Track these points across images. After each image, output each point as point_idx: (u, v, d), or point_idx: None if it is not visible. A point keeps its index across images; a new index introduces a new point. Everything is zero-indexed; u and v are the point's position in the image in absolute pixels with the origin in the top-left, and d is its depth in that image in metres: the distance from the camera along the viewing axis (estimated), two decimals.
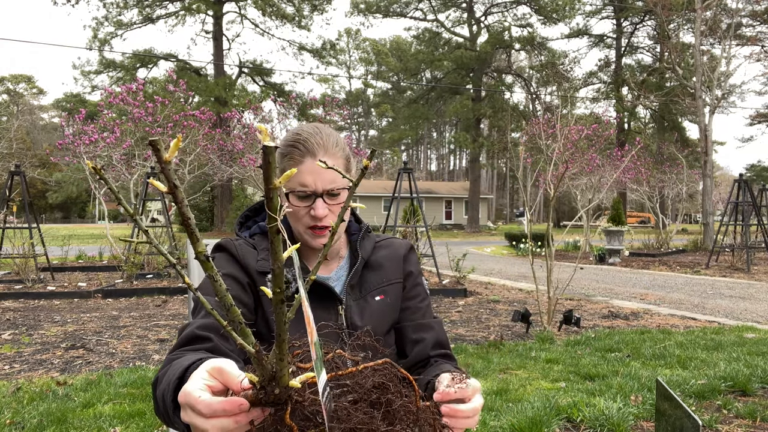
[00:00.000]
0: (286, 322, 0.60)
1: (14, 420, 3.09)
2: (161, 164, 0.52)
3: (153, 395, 0.92)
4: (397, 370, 0.74)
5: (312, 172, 1.18)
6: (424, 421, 0.75)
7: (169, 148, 0.52)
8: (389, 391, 0.72)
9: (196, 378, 0.69)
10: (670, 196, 21.74)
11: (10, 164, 15.22)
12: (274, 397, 0.63)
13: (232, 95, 28.77)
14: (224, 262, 1.22)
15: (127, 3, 28.87)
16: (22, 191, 9.51)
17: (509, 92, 41.75)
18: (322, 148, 1.20)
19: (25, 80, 55.91)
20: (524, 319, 5.41)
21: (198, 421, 0.66)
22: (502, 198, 68.14)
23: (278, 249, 0.56)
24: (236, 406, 0.63)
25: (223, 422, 0.64)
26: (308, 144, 1.20)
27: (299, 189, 1.19)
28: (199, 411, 0.65)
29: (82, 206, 57.31)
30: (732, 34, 20.22)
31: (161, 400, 0.85)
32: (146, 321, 6.23)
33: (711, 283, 10.13)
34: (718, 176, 33.42)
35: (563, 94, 21.49)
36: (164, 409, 0.84)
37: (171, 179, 0.53)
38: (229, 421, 0.64)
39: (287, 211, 1.25)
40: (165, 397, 0.83)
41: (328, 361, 0.72)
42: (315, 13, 32.25)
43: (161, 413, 0.88)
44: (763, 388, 3.57)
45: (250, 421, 0.65)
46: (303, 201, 1.20)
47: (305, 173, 1.18)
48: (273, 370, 0.61)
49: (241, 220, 1.39)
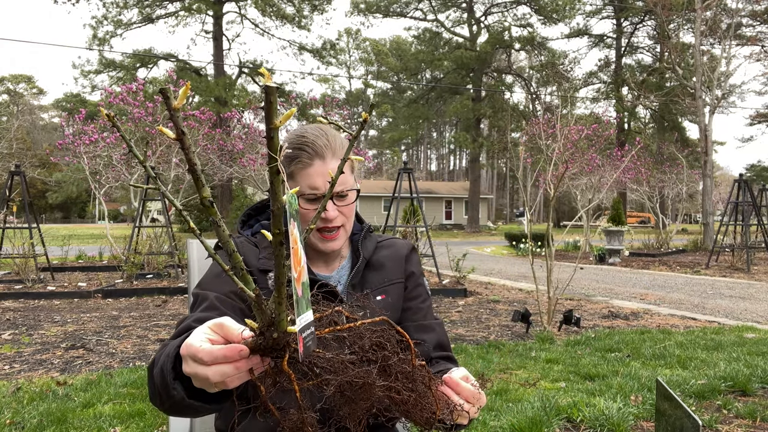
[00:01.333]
0: (285, 265, 0.61)
1: (14, 420, 3.09)
2: (170, 111, 0.55)
3: (149, 377, 0.91)
4: (394, 330, 0.75)
5: (322, 174, 1.18)
6: (419, 381, 0.76)
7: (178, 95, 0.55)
8: (386, 349, 0.73)
9: (197, 332, 0.72)
10: (670, 196, 21.74)
11: (10, 164, 15.23)
12: (272, 342, 0.65)
13: (232, 95, 28.75)
14: (226, 259, 1.21)
15: (126, 3, 28.84)
16: (22, 191, 9.51)
17: (509, 92, 41.77)
18: (330, 150, 1.20)
19: (25, 80, 55.90)
20: (524, 319, 5.41)
21: (199, 369, 0.68)
22: (502, 198, 68.13)
23: (278, 190, 0.58)
24: (236, 352, 0.65)
25: (224, 368, 0.66)
26: (316, 147, 1.19)
27: (309, 192, 1.19)
28: (201, 359, 0.67)
29: (82, 206, 57.30)
30: (732, 34, 20.22)
31: (159, 372, 0.84)
32: (146, 321, 6.23)
33: (711, 283, 10.13)
34: (718, 176, 33.42)
35: (563, 94, 21.48)
36: (162, 381, 0.83)
37: (179, 126, 0.56)
38: (229, 367, 0.66)
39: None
40: (165, 367, 0.83)
41: (327, 316, 0.73)
42: (315, 13, 32.21)
43: (158, 388, 0.86)
44: (763, 388, 3.57)
45: (249, 369, 0.67)
46: (312, 204, 1.20)
47: (315, 176, 1.18)
48: (272, 315, 0.64)
49: (243, 219, 1.39)
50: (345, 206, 1.23)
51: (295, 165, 1.21)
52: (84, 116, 12.13)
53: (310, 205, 1.20)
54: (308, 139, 1.20)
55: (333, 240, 1.23)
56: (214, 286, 1.16)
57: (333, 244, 1.24)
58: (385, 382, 0.71)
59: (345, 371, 0.69)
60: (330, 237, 1.23)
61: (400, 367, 0.74)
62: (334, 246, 1.24)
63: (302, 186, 1.20)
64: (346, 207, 1.23)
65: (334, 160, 1.19)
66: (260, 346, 0.66)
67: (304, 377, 0.68)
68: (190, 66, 31.24)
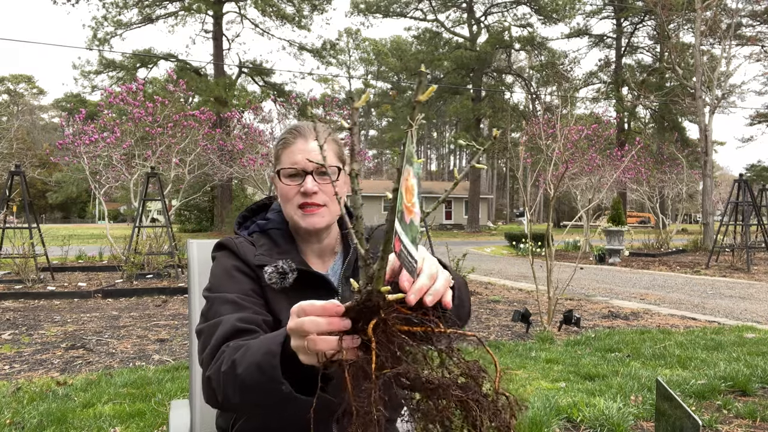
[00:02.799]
0: (393, 221, 0.67)
1: (14, 420, 3.09)
2: (353, 109, 0.70)
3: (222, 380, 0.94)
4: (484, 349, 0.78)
5: (302, 151, 1.24)
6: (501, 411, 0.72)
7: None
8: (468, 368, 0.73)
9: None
10: (670, 196, 21.73)
11: (10, 164, 15.23)
12: (367, 297, 0.69)
13: (232, 95, 28.74)
14: (227, 259, 1.25)
15: (126, 3, 28.83)
16: (22, 191, 9.51)
17: (509, 92, 41.78)
18: (313, 133, 1.26)
19: (25, 80, 55.92)
20: (524, 319, 5.41)
21: (306, 323, 0.75)
22: (502, 198, 68.12)
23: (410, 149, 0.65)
24: (334, 307, 0.73)
25: (318, 321, 0.74)
26: (300, 129, 1.28)
27: (289, 167, 1.25)
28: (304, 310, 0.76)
29: (82, 206, 57.32)
30: (732, 34, 20.22)
31: (256, 370, 0.87)
32: (146, 321, 6.23)
33: (711, 283, 10.13)
34: (718, 176, 33.43)
35: (563, 94, 21.49)
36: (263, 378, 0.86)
37: (354, 120, 0.63)
38: (323, 320, 0.73)
39: (280, 197, 1.30)
40: (264, 365, 0.86)
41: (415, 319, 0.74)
42: (315, 13, 32.23)
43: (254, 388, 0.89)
44: (763, 388, 3.57)
45: (339, 338, 0.72)
46: (294, 179, 1.25)
47: (296, 152, 1.24)
48: (373, 273, 0.68)
49: (239, 220, 1.41)
50: (327, 184, 1.24)
51: (280, 146, 1.28)
52: (84, 116, 12.13)
53: (292, 181, 1.24)
54: (296, 125, 1.30)
55: (313, 215, 1.23)
56: (230, 286, 1.18)
57: (313, 219, 1.23)
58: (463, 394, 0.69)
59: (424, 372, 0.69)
60: (310, 211, 1.23)
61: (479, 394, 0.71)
62: (315, 222, 1.24)
63: (284, 163, 1.25)
64: (328, 186, 1.24)
65: (316, 141, 1.24)
66: (355, 307, 0.70)
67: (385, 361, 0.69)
68: (190, 66, 31.23)
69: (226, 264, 1.23)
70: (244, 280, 1.19)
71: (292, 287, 1.18)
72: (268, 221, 1.34)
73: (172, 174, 12.65)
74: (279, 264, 1.19)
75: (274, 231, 1.31)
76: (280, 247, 1.28)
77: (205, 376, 0.99)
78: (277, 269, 1.18)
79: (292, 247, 1.29)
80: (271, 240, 1.30)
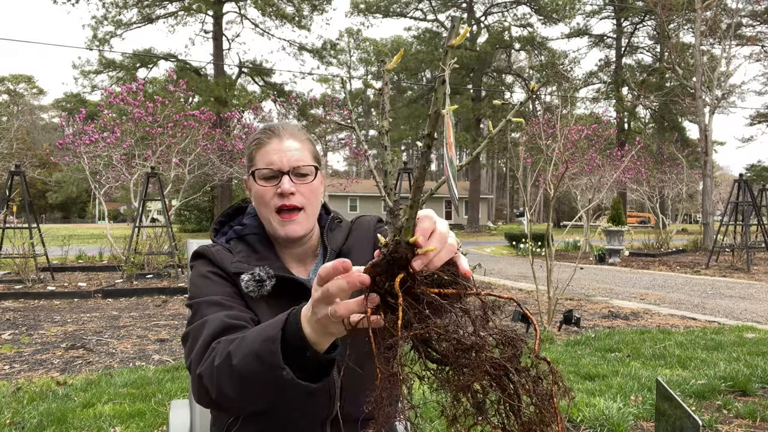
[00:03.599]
0: (426, 167, 0.64)
1: (14, 420, 3.09)
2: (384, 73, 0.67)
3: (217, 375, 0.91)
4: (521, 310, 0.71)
5: (277, 151, 1.20)
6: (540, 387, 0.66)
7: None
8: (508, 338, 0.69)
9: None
10: (670, 196, 21.73)
11: (10, 164, 15.23)
12: (394, 249, 0.66)
13: (232, 95, 28.74)
14: (204, 266, 1.21)
15: (126, 3, 28.83)
16: (22, 191, 9.51)
17: (509, 92, 41.75)
18: (288, 132, 1.23)
19: (25, 80, 55.90)
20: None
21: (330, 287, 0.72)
22: (502, 198, 68.10)
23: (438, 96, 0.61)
24: (357, 275, 0.69)
25: (340, 282, 0.71)
26: (274, 128, 1.24)
27: (264, 167, 1.20)
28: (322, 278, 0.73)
29: (82, 206, 57.31)
30: (732, 34, 20.22)
31: (254, 360, 0.85)
32: (146, 321, 6.23)
33: (711, 283, 10.13)
34: (718, 176, 33.43)
35: (563, 94, 21.49)
36: (262, 367, 0.84)
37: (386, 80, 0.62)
38: (342, 281, 0.71)
39: (255, 201, 1.25)
40: (264, 352, 0.83)
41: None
42: (315, 13, 32.21)
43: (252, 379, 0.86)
44: (763, 388, 3.57)
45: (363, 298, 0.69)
46: (269, 181, 1.20)
47: (271, 152, 1.20)
48: (401, 225, 0.66)
49: (215, 226, 1.36)
50: (304, 185, 1.20)
51: (254, 147, 1.24)
52: (84, 116, 12.13)
53: (267, 183, 1.20)
54: (268, 125, 1.26)
55: (292, 221, 1.19)
56: (212, 289, 1.15)
57: (292, 227, 1.18)
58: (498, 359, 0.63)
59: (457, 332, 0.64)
60: (288, 217, 1.19)
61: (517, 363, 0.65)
62: (294, 230, 1.19)
63: (259, 164, 1.21)
64: (305, 186, 1.20)
65: (292, 140, 1.21)
66: (382, 261, 0.67)
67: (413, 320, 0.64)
68: (190, 66, 31.22)
69: (203, 271, 1.20)
70: (224, 284, 1.17)
71: (272, 294, 1.14)
72: (245, 227, 1.29)
73: (172, 174, 12.64)
74: (256, 271, 1.15)
75: (251, 236, 1.27)
76: (258, 252, 1.23)
77: (196, 374, 0.96)
78: (253, 277, 1.14)
79: (270, 253, 1.24)
80: (249, 246, 1.25)
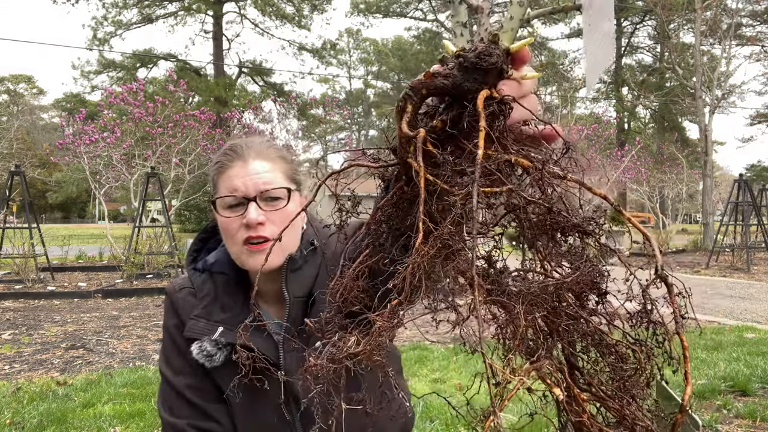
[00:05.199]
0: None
1: (14, 420, 3.09)
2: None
3: None
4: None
5: (241, 175, 1.04)
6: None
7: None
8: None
9: None
10: (670, 196, 21.72)
11: (10, 164, 15.23)
12: (486, 50, 0.50)
13: (232, 95, 28.74)
14: (169, 318, 1.16)
15: (126, 3, 28.84)
16: (22, 191, 9.51)
17: None
18: (253, 151, 1.07)
19: (25, 80, 55.87)
20: None
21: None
22: None
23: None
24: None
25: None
26: (237, 148, 1.08)
27: (228, 195, 1.04)
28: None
29: (82, 206, 57.29)
30: (732, 34, 20.22)
31: None
32: (146, 321, 6.23)
33: (711, 283, 10.13)
34: (718, 176, 33.42)
35: (563, 94, 21.49)
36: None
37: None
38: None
39: (222, 233, 1.09)
40: None
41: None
42: (315, 13, 32.22)
43: None
44: (763, 388, 3.57)
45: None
46: (234, 210, 1.04)
47: (233, 177, 1.05)
48: (501, 25, 0.54)
49: (192, 254, 1.21)
50: (275, 212, 1.04)
51: (215, 171, 1.09)
52: (84, 116, 12.13)
53: (232, 213, 1.04)
54: (233, 144, 1.10)
55: (261, 252, 1.01)
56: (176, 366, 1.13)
57: (260, 258, 0.98)
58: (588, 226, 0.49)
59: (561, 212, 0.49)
60: (256, 247, 1.02)
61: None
62: (262, 261, 0.91)
63: (221, 191, 1.06)
64: (276, 214, 1.03)
65: (259, 161, 1.06)
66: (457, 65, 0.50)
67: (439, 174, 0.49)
68: (190, 66, 31.23)
69: (168, 324, 1.14)
70: (186, 354, 1.10)
71: (229, 361, 1.04)
72: (215, 262, 1.15)
73: (172, 174, 12.64)
74: (203, 345, 1.06)
75: (218, 276, 1.13)
76: (219, 301, 1.10)
77: None
78: (201, 351, 1.06)
79: (238, 298, 1.11)
80: (215, 288, 1.12)
